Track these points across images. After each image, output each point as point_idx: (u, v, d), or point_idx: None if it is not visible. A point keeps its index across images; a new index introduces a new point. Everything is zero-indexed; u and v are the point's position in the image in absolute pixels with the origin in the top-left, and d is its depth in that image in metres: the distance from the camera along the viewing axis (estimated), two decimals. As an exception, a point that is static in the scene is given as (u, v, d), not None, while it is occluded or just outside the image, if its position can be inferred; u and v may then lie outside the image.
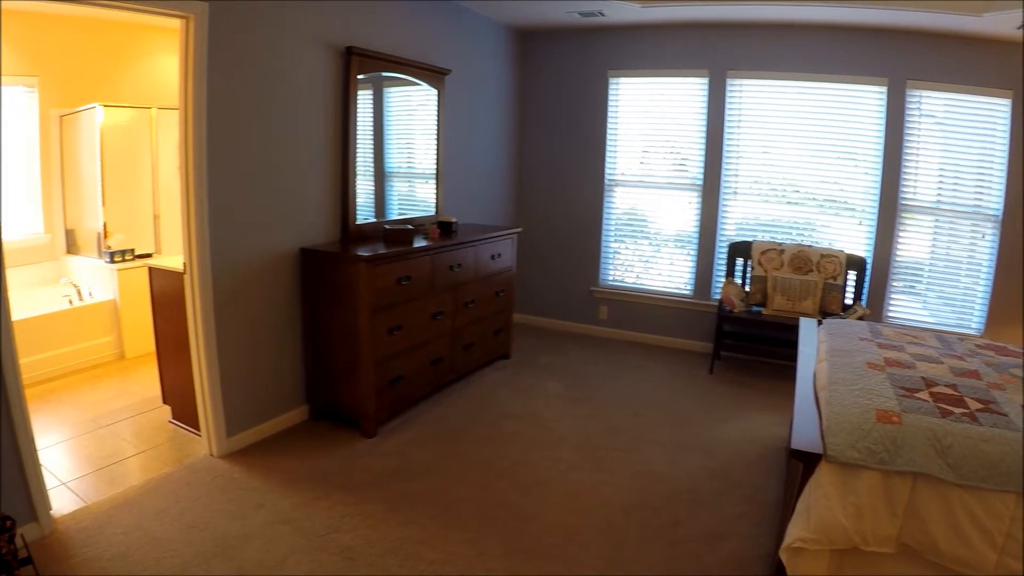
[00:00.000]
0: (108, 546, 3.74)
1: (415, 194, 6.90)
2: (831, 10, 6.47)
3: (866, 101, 7.19)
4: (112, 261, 6.90)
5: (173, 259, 5.17)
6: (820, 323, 5.26)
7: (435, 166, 6.92)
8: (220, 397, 4.81)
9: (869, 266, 7.29)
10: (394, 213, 6.47)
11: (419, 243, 5.73)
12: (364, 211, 5.93)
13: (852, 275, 7.11)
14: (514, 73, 8.43)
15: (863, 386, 3.52)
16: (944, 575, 2.98)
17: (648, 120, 8.18)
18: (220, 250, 4.65)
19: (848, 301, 7.12)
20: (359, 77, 5.63)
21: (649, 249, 8.47)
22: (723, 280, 7.54)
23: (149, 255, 7.20)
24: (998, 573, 2.87)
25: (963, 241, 7.17)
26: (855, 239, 7.45)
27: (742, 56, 7.49)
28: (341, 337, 5.22)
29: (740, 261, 7.50)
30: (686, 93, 7.86)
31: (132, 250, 7.08)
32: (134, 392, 6.09)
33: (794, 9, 6.62)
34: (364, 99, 5.80)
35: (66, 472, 4.60)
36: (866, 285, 7.25)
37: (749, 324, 7.30)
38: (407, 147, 6.73)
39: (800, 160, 7.54)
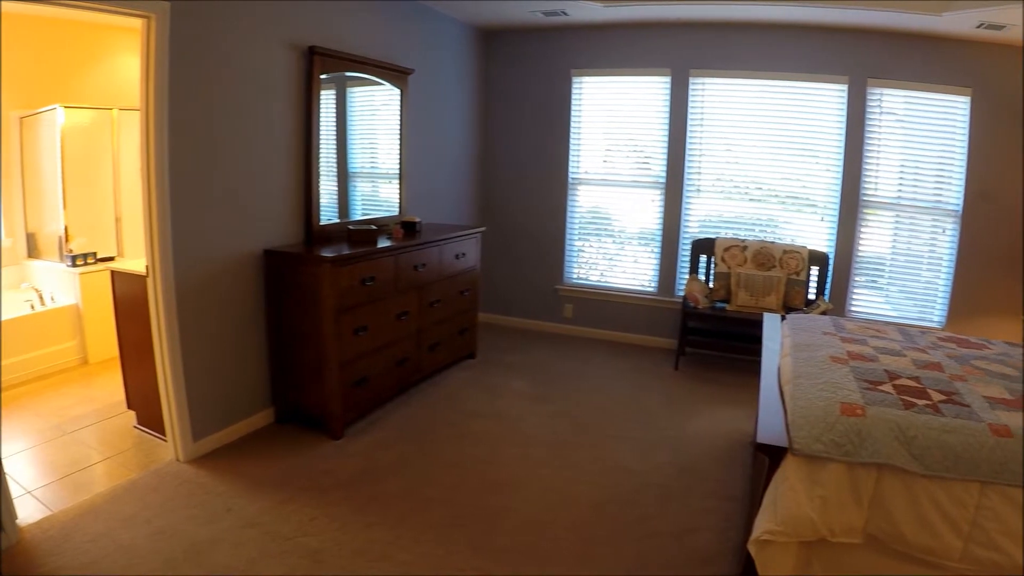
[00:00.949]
0: (76, 555, 3.69)
1: (378, 194, 6.88)
2: (793, 9, 6.54)
3: (827, 99, 7.28)
4: (74, 265, 6.79)
5: (136, 262, 5.11)
6: (783, 318, 5.29)
7: (398, 166, 6.89)
8: (185, 401, 4.75)
9: (831, 261, 7.38)
10: (358, 213, 6.43)
11: (383, 243, 5.71)
12: (327, 211, 5.89)
13: (815, 270, 7.19)
14: (478, 72, 8.43)
15: (827, 380, 3.55)
16: (911, 566, 3.03)
17: (611, 119, 8.22)
18: (183, 253, 4.60)
19: (811, 296, 7.19)
20: (322, 77, 5.59)
21: (613, 247, 8.51)
22: (687, 277, 7.59)
23: (111, 258, 7.11)
24: (964, 561, 2.93)
25: (924, 236, 7.30)
26: (817, 235, 7.54)
27: (704, 55, 7.54)
28: (306, 339, 5.19)
29: (703, 258, 7.55)
30: (649, 92, 7.91)
31: (94, 253, 6.99)
32: (98, 398, 6.01)
33: (756, 8, 6.68)
34: (327, 99, 5.76)
35: (31, 480, 4.53)
36: (829, 280, 7.33)
37: (713, 320, 7.35)
38: (370, 147, 6.71)
39: (762, 157, 7.62)
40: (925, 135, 7.13)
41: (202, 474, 4.64)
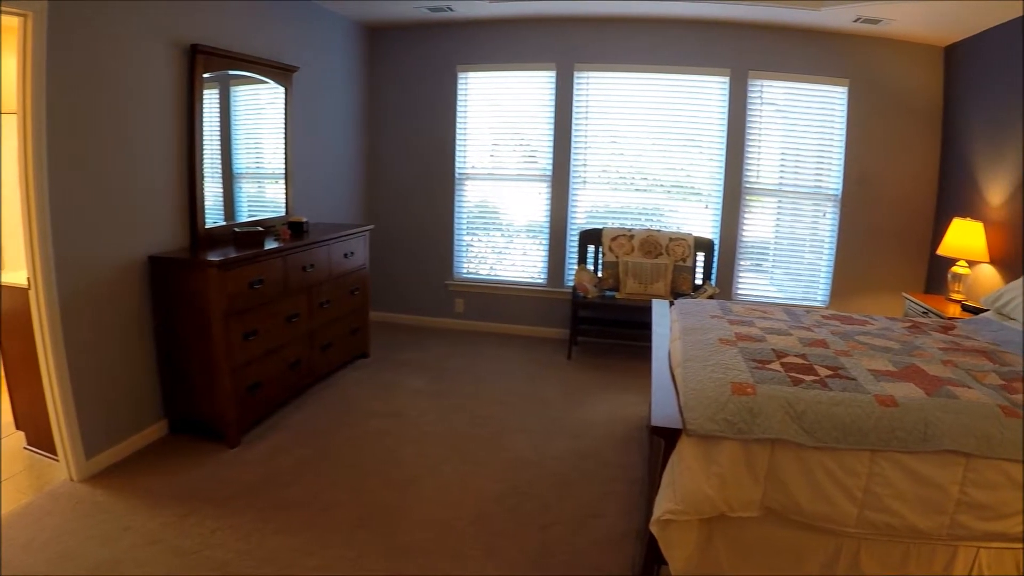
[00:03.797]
0: (-30, 585, 3.55)
1: (265, 195, 6.73)
2: (675, 5, 6.74)
3: (710, 91, 7.50)
4: (-51, 280, 6.51)
5: (17, 274, 4.89)
6: (672, 304, 5.39)
7: (284, 165, 6.77)
8: (75, 418, 4.55)
9: (717, 247, 7.58)
10: (244, 215, 6.28)
11: (270, 245, 5.59)
12: (213, 214, 5.74)
13: (701, 256, 7.38)
14: (364, 69, 8.36)
15: (717, 361, 3.64)
16: (810, 534, 3.12)
17: (497, 113, 8.26)
18: (65, 263, 4.40)
19: (698, 281, 7.38)
20: (205, 76, 5.44)
21: (502, 240, 8.56)
22: (576, 267, 7.67)
23: (-10, 271, 6.85)
24: (860, 526, 3.04)
25: (806, 220, 7.61)
26: (702, 222, 7.73)
27: (589, 49, 7.65)
28: (195, 346, 5.06)
29: (591, 248, 7.66)
30: (534, 86, 7.97)
31: (-29, 267, 6.73)
32: (-17, 419, 5.79)
33: (638, 5, 6.85)
34: (210, 98, 5.60)
35: (-86, 510, 4.32)
36: (715, 265, 7.54)
37: (603, 309, 7.50)
38: (256, 147, 6.56)
39: (647, 148, 7.78)
40: (805, 124, 7.44)
41: (98, 493, 4.45)
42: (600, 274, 7.49)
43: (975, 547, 3.04)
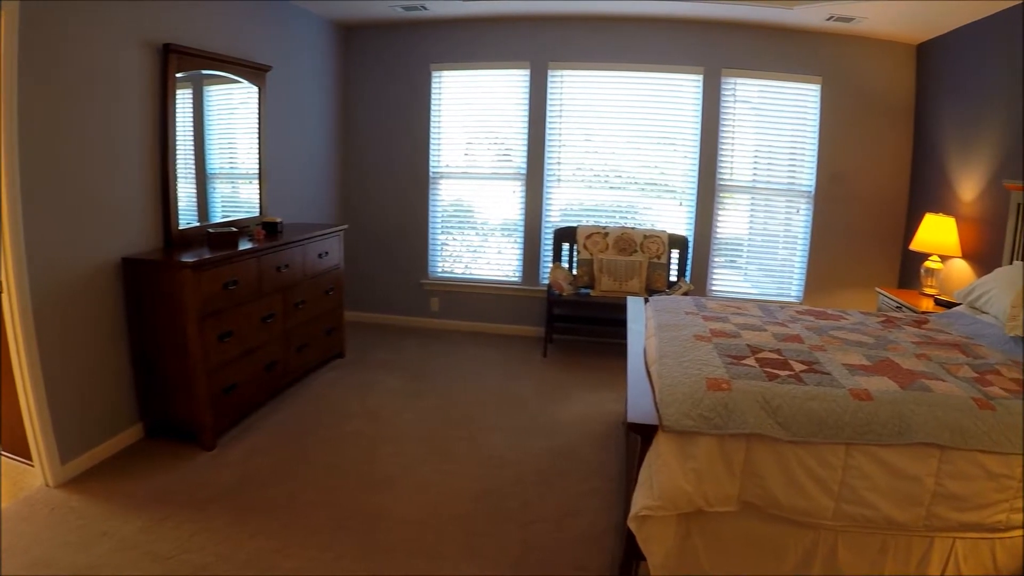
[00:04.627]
0: (-55, 593, 3.51)
1: (239, 195, 6.68)
2: (648, 4, 6.78)
3: (683, 89, 7.54)
4: (-84, 282, 6.44)
5: (-13, 277, 4.86)
6: (647, 301, 5.39)
7: (258, 165, 6.72)
8: (49, 423, 4.49)
9: (691, 244, 7.62)
10: (218, 216, 6.22)
11: (244, 245, 5.55)
12: (187, 215, 5.68)
13: (675, 253, 7.41)
14: (338, 68, 8.32)
15: (692, 357, 3.65)
16: (788, 527, 3.14)
17: (471, 112, 8.25)
18: (39, 265, 4.34)
19: (673, 278, 7.40)
20: (178, 76, 5.39)
21: (476, 239, 8.55)
22: (550, 265, 7.67)
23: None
24: (837, 519, 3.07)
25: (779, 216, 7.65)
26: (676, 219, 7.77)
27: (563, 48, 7.66)
28: (171, 348, 5.01)
29: (566, 246, 7.67)
30: (508, 85, 7.97)
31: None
32: (-45, 425, 5.72)
33: (612, 4, 6.88)
34: (183, 98, 5.54)
35: None
36: (689, 262, 7.57)
37: (578, 306, 7.52)
38: (229, 147, 6.50)
39: (621, 146, 7.82)
40: (778, 121, 7.50)
41: (74, 498, 4.39)
42: (575, 272, 7.50)
43: (951, 538, 3.07)
